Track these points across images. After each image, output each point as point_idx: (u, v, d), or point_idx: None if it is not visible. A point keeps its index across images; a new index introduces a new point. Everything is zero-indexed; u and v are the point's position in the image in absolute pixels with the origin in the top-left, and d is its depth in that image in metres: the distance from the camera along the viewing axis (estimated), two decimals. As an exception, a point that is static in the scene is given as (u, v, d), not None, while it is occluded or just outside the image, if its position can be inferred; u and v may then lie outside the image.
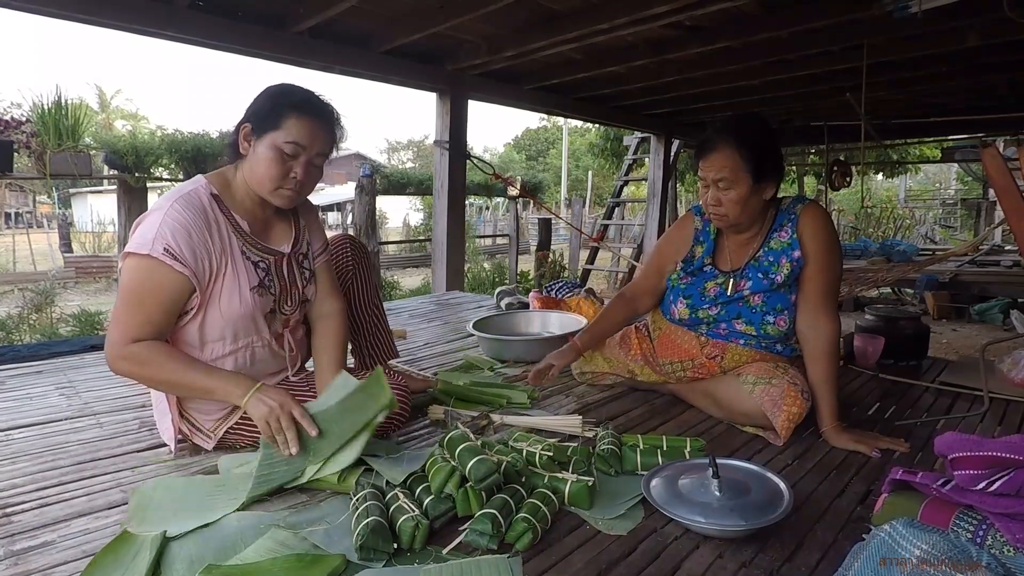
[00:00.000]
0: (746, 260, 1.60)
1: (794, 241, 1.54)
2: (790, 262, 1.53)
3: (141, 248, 1.22)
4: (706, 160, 1.48)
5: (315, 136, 1.29)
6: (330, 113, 1.34)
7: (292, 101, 1.29)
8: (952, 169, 17.02)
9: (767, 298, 1.56)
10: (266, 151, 1.27)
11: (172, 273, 1.22)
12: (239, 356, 1.37)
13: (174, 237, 1.22)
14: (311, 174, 1.33)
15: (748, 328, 1.58)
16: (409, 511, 1.05)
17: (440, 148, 4.01)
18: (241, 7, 2.79)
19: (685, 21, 3.09)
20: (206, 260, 1.27)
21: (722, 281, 1.61)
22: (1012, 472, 0.90)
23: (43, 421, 1.61)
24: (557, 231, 13.98)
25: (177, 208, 1.25)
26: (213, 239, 1.28)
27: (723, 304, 1.61)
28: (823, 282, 1.53)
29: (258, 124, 1.29)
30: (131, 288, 1.23)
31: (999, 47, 3.38)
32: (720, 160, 1.45)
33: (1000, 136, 6.80)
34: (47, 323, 5.19)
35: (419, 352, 2.39)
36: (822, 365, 1.50)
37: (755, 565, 0.99)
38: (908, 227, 11.72)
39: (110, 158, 4.77)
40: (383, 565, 0.97)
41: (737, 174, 1.45)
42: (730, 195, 1.47)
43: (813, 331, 1.52)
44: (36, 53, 77.66)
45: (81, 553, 1.01)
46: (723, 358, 1.63)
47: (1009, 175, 1.68)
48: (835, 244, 1.56)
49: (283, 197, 1.32)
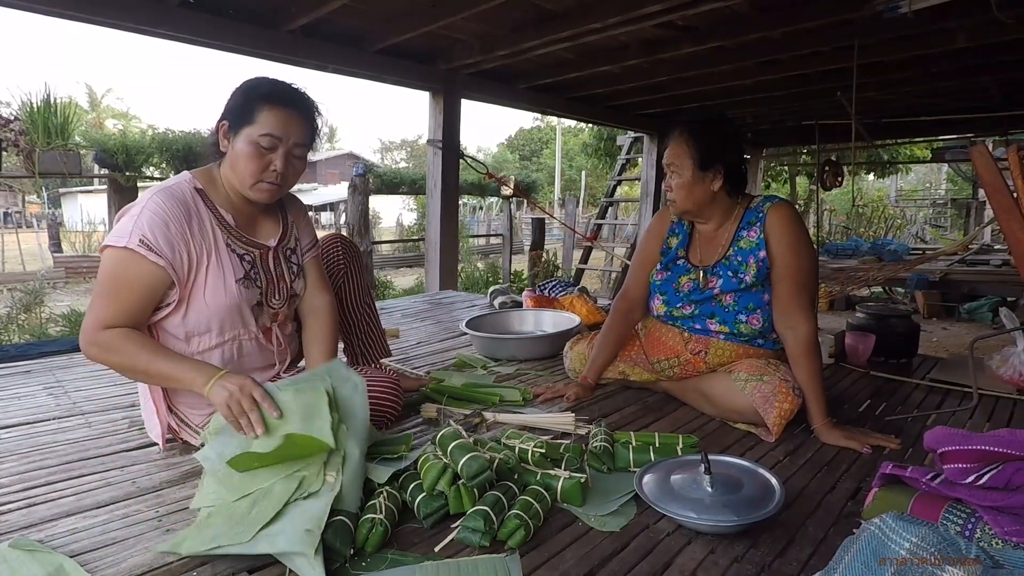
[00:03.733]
0: (716, 258, 1.62)
1: (761, 241, 1.56)
2: (756, 262, 1.56)
3: (119, 240, 1.22)
4: (666, 149, 1.62)
5: (290, 126, 1.28)
6: (304, 102, 1.33)
7: (263, 93, 1.28)
8: (942, 169, 17.17)
9: (738, 297, 1.58)
10: (243, 146, 1.27)
11: (147, 264, 1.22)
12: (226, 349, 1.36)
13: (151, 228, 1.22)
14: (292, 166, 1.32)
15: (722, 328, 1.61)
16: (376, 512, 1.03)
17: (433, 147, 4.00)
18: (233, 5, 2.78)
19: (677, 21, 3.10)
20: (184, 252, 1.26)
21: (695, 276, 1.64)
22: (1000, 466, 0.91)
23: (31, 421, 1.59)
24: (551, 231, 13.99)
25: (156, 200, 1.25)
26: (193, 231, 1.28)
27: (696, 303, 1.63)
28: (793, 283, 1.53)
29: (233, 120, 1.29)
30: (106, 278, 1.24)
31: (988, 48, 3.41)
32: (671, 148, 1.60)
33: (990, 136, 6.86)
34: (36, 323, 5.14)
35: (412, 351, 2.39)
36: (804, 365, 1.51)
37: (747, 560, 0.99)
38: (899, 227, 11.81)
39: (100, 157, 4.74)
40: (336, 567, 0.95)
41: (683, 160, 1.57)
42: (677, 181, 1.59)
43: (791, 332, 1.53)
44: (25, 51, 77.01)
45: (69, 553, 1.00)
46: (707, 353, 1.65)
47: (999, 175, 1.69)
48: (802, 243, 1.55)
49: (264, 191, 1.31)
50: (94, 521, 1.10)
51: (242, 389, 1.17)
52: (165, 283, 1.26)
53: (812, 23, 3.00)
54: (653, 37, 3.43)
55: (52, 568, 0.95)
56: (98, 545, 1.03)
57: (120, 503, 1.17)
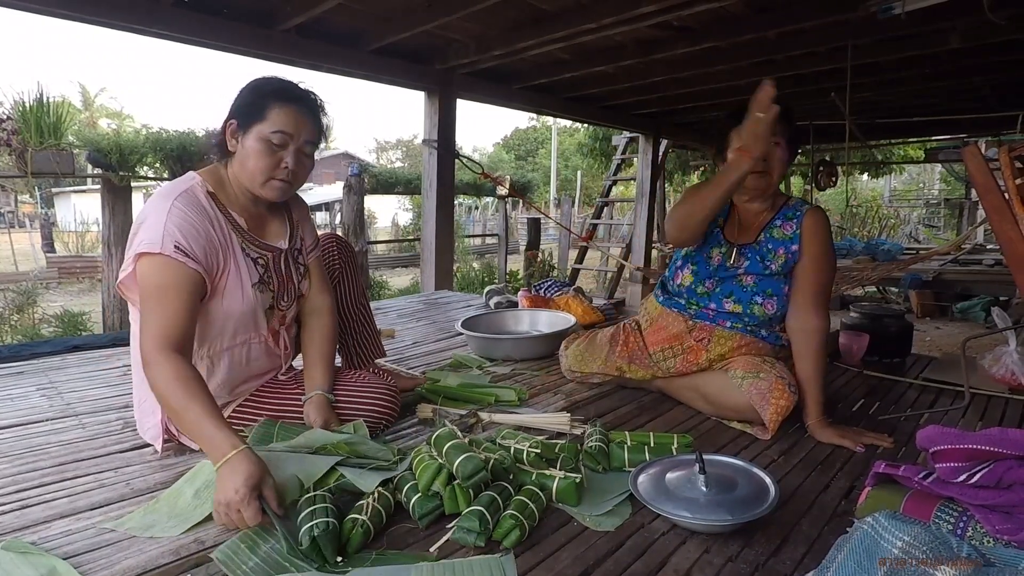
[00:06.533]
0: (748, 240, 1.67)
1: (796, 236, 1.62)
2: (787, 253, 1.61)
3: (152, 247, 1.19)
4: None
5: (300, 123, 1.29)
6: (312, 100, 1.34)
7: (273, 91, 1.28)
8: (936, 170, 17.23)
9: (759, 281, 1.63)
10: (254, 144, 1.27)
11: (186, 270, 1.21)
12: (236, 352, 1.36)
13: (183, 234, 1.21)
14: (302, 163, 1.33)
15: (736, 307, 1.64)
16: (360, 513, 1.03)
17: (429, 147, 3.99)
18: (228, 4, 2.77)
19: (673, 21, 3.11)
20: (213, 257, 1.26)
21: (725, 250, 1.68)
22: (992, 464, 0.92)
23: (24, 422, 1.58)
24: (546, 231, 13.99)
25: (179, 206, 1.23)
26: (216, 236, 1.28)
27: (719, 280, 1.67)
28: (818, 282, 1.60)
29: (243, 119, 1.28)
30: (151, 287, 1.20)
31: (981, 49, 3.43)
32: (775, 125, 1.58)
33: (982, 137, 6.90)
34: (29, 324, 5.11)
35: (408, 351, 2.39)
36: (811, 362, 1.55)
37: (741, 559, 1.00)
38: (893, 227, 11.86)
39: (94, 156, 4.70)
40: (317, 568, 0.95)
41: (783, 135, 1.57)
42: (778, 155, 1.58)
43: (804, 328, 1.58)
44: (17, 50, 76.48)
45: (63, 555, 0.99)
46: (709, 341, 1.66)
47: (991, 175, 1.70)
48: (832, 248, 1.64)
49: (275, 189, 1.31)
50: (88, 523, 1.10)
51: (230, 504, 1.03)
52: (202, 288, 1.25)
53: (806, 24, 3.01)
54: (648, 37, 3.44)
55: (46, 570, 0.95)
56: (92, 547, 1.02)
57: (114, 504, 1.17)
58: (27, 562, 0.96)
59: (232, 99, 1.32)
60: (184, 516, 1.09)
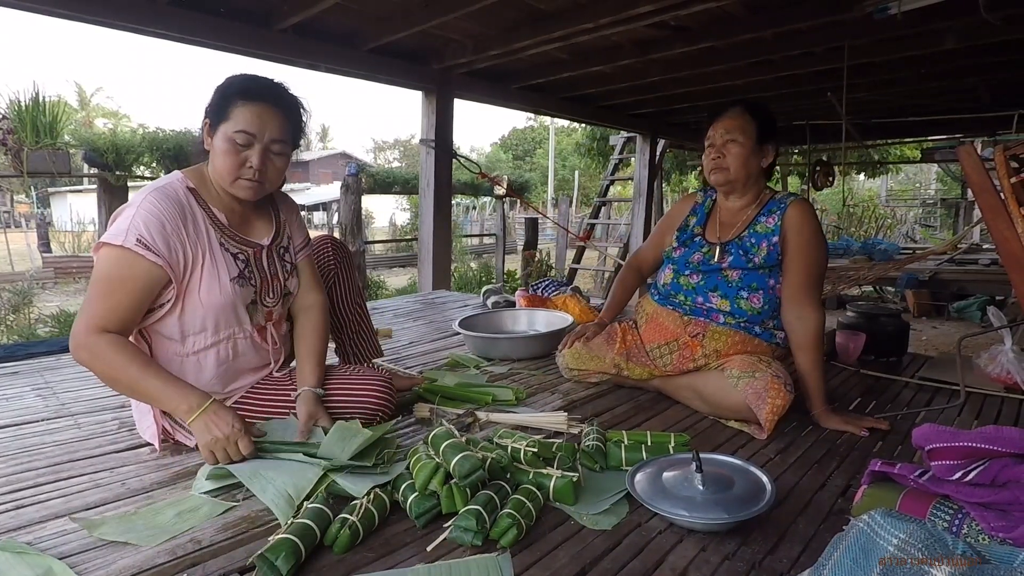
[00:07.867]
0: (731, 236, 1.70)
1: (777, 228, 1.64)
2: (768, 246, 1.64)
3: (115, 239, 1.22)
4: (717, 123, 1.68)
5: (264, 122, 1.27)
6: (282, 98, 1.32)
7: (237, 90, 1.28)
8: (932, 170, 17.30)
9: (744, 275, 1.65)
10: (221, 144, 1.27)
11: (144, 263, 1.22)
12: (221, 348, 1.36)
13: (147, 228, 1.22)
14: (271, 162, 1.31)
15: (723, 303, 1.67)
16: (351, 513, 1.03)
17: (426, 147, 3.99)
18: (225, 3, 2.76)
19: (670, 21, 3.11)
20: (180, 251, 1.27)
21: (707, 251, 1.71)
22: (987, 462, 0.92)
23: (19, 422, 1.58)
24: (544, 230, 14.00)
25: (151, 200, 1.25)
26: (188, 230, 1.28)
27: (704, 273, 1.70)
28: (806, 274, 1.62)
29: (213, 118, 1.29)
30: (102, 277, 1.23)
31: (977, 49, 3.44)
32: (729, 121, 1.66)
33: (978, 137, 6.92)
34: (25, 324, 5.09)
35: (405, 351, 2.38)
36: (809, 353, 1.59)
37: (738, 558, 1.00)
38: (889, 226, 11.89)
39: (90, 156, 4.69)
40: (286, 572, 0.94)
41: (745, 131, 1.64)
42: (735, 150, 1.64)
43: (799, 321, 1.61)
44: (13, 49, 76.20)
45: (58, 555, 0.99)
46: (704, 336, 1.68)
47: (986, 175, 1.70)
48: (818, 238, 1.65)
49: (244, 188, 1.31)
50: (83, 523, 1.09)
51: (229, 438, 1.15)
52: (161, 282, 1.26)
53: (803, 24, 3.02)
54: (645, 37, 3.44)
55: (41, 570, 0.94)
56: (87, 547, 1.02)
57: (110, 505, 1.16)
58: (23, 562, 0.96)
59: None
60: (163, 529, 1.07)
